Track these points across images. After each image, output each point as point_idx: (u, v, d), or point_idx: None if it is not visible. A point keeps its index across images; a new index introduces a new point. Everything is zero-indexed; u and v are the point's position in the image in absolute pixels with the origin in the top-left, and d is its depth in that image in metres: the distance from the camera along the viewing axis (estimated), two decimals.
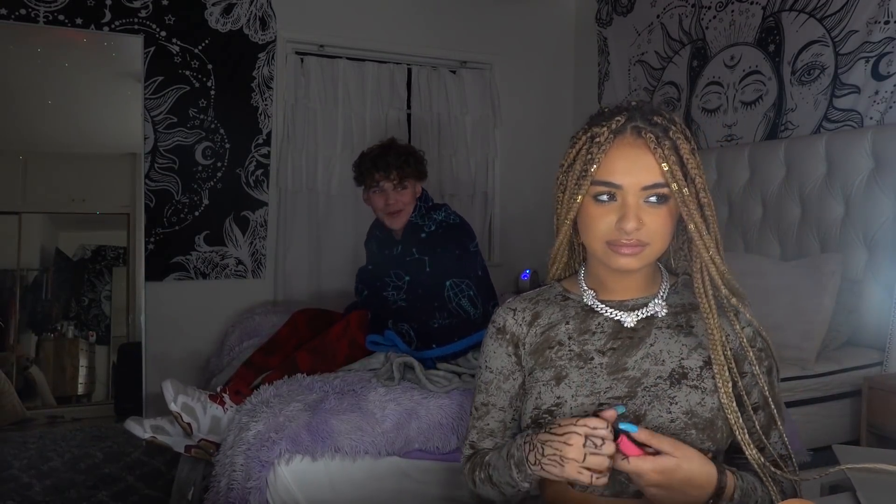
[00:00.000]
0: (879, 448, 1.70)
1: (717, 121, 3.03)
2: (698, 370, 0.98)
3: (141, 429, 1.83)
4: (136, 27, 3.02)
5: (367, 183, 2.30)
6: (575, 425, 0.90)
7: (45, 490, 2.25)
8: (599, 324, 1.04)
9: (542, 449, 0.92)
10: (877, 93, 2.36)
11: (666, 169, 0.94)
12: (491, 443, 1.14)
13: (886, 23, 2.33)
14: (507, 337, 1.10)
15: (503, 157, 3.84)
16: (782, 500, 0.80)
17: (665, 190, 0.94)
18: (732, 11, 2.95)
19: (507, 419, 1.13)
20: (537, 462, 0.93)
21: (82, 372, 3.04)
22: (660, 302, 1.03)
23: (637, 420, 0.95)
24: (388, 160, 2.24)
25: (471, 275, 2.24)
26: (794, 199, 2.53)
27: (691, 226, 0.96)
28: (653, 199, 0.95)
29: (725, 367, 0.95)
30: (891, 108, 2.32)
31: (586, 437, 0.88)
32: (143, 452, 2.57)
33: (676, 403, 0.96)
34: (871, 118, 2.38)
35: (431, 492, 1.76)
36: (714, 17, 3.05)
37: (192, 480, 1.92)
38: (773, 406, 0.99)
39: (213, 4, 3.17)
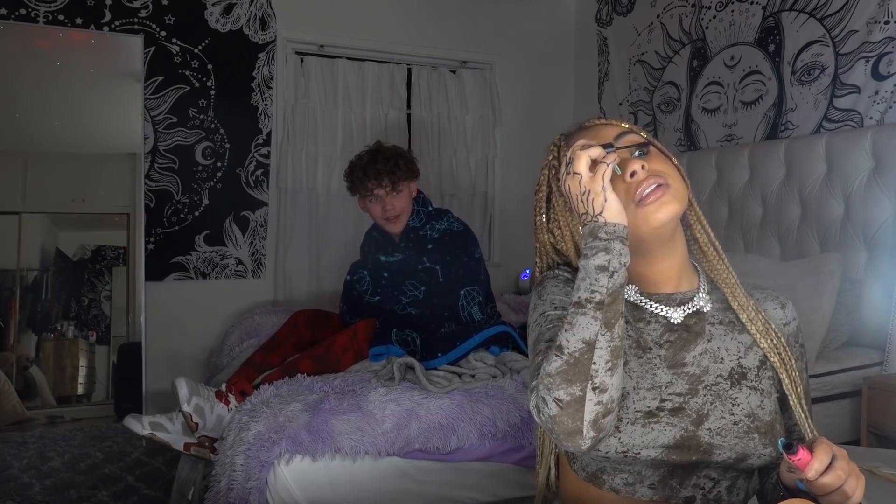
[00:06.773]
0: (879, 448, 1.70)
1: (717, 121, 3.03)
2: (756, 370, 0.95)
3: (140, 425, 1.83)
4: (136, 27, 3.02)
5: (361, 192, 2.31)
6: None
7: (44, 490, 2.25)
8: (652, 313, 0.97)
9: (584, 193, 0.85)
10: (877, 93, 2.36)
11: (626, 126, 0.97)
12: None
13: (886, 23, 2.33)
14: None
15: (503, 157, 3.83)
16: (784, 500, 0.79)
17: (638, 137, 0.96)
18: (732, 11, 2.95)
19: None
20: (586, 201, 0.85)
21: (82, 372, 3.03)
22: (703, 296, 0.98)
23: (699, 421, 0.90)
24: (378, 167, 2.24)
25: (478, 281, 2.25)
26: (794, 199, 2.53)
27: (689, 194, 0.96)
28: (636, 154, 0.92)
29: (780, 352, 0.95)
30: (891, 108, 2.32)
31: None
32: (143, 452, 2.57)
33: (738, 405, 0.92)
34: (871, 118, 2.38)
35: (431, 492, 1.76)
36: (714, 17, 3.05)
37: (192, 480, 1.92)
38: (807, 406, 0.99)
39: (213, 4, 3.17)
